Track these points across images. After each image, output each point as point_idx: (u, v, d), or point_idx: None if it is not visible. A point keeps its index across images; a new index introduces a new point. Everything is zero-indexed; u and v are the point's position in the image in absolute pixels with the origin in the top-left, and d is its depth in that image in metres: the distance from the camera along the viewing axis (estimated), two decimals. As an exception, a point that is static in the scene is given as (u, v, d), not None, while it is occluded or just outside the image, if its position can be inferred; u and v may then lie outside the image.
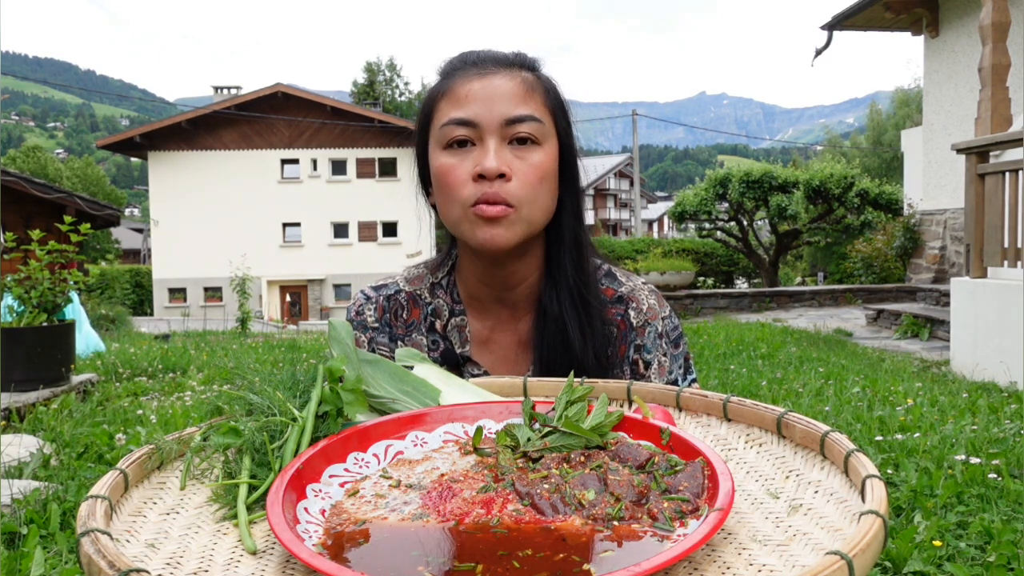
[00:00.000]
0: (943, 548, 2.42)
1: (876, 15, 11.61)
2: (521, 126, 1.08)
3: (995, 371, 5.69)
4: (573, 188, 1.17)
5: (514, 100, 1.09)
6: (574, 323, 1.15)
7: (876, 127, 39.79)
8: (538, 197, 1.10)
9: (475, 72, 1.11)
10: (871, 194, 15.18)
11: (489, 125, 1.07)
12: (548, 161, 1.11)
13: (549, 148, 1.11)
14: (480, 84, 1.09)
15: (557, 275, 1.17)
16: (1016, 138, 5.79)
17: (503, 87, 1.09)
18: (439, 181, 1.11)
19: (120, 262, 42.79)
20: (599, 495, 0.67)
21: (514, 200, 1.07)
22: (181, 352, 8.54)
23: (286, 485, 0.68)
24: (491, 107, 1.08)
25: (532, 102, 1.10)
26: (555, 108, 1.14)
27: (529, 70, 1.14)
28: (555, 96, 1.14)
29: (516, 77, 1.11)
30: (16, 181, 14.99)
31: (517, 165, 1.08)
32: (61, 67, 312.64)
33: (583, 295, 1.16)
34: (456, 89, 1.10)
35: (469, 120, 1.08)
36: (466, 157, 1.08)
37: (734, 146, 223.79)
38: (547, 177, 1.11)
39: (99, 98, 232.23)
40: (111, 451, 3.68)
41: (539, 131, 1.09)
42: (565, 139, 1.15)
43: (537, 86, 1.12)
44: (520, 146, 1.09)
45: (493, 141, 1.07)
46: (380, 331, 1.24)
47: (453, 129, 1.08)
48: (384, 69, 49.21)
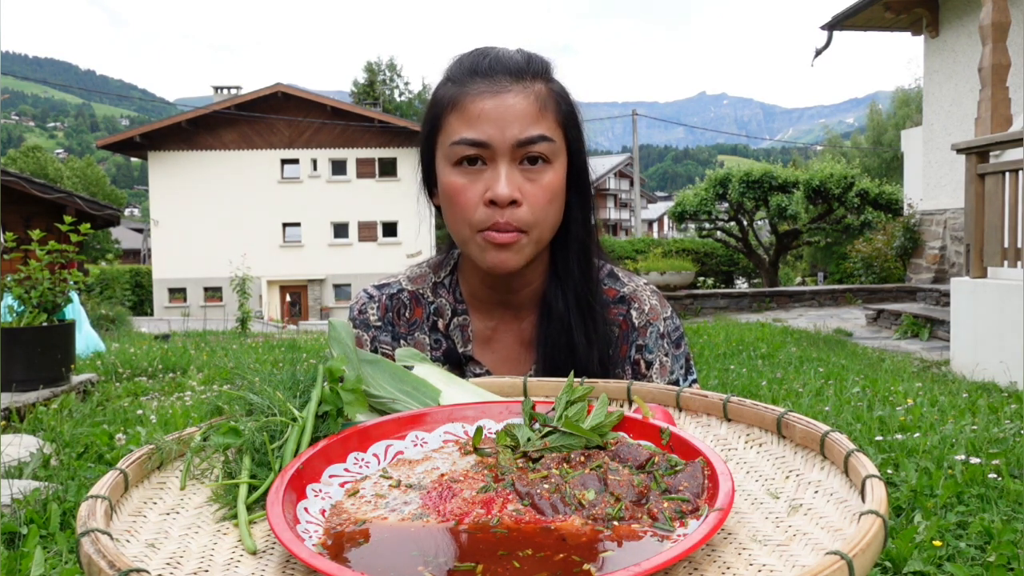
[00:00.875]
0: (943, 548, 2.42)
1: (876, 15, 11.61)
2: (533, 147, 1.07)
3: (995, 371, 5.69)
4: (583, 196, 1.17)
5: (527, 120, 1.07)
6: (579, 327, 1.15)
7: (876, 127, 39.76)
8: (548, 217, 1.10)
9: (487, 88, 1.08)
10: (871, 194, 15.19)
11: (501, 147, 1.06)
12: (558, 180, 1.10)
13: (559, 166, 1.11)
14: (492, 103, 1.07)
15: (563, 277, 1.17)
16: (1016, 138, 5.79)
17: (516, 108, 1.07)
18: (448, 199, 1.10)
19: (120, 262, 42.75)
20: (599, 495, 0.67)
21: (525, 226, 1.07)
22: (181, 352, 8.54)
23: (286, 485, 0.68)
24: (503, 129, 1.06)
25: (544, 121, 1.09)
26: (567, 122, 1.12)
27: (542, 79, 1.12)
28: (567, 108, 1.13)
29: (529, 93, 1.09)
30: (16, 181, 15.00)
31: (528, 189, 1.07)
32: (61, 67, 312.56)
33: (588, 300, 1.16)
34: (467, 106, 1.08)
35: (481, 142, 1.06)
36: (477, 179, 1.08)
37: (734, 146, 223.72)
38: (556, 196, 1.11)
39: (99, 98, 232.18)
40: (111, 451, 3.68)
41: (550, 150, 1.09)
42: (576, 150, 1.14)
43: (549, 102, 1.10)
44: (531, 166, 1.08)
45: (504, 164, 1.07)
46: (383, 330, 1.25)
47: (464, 149, 1.07)
48: (384, 69, 49.21)
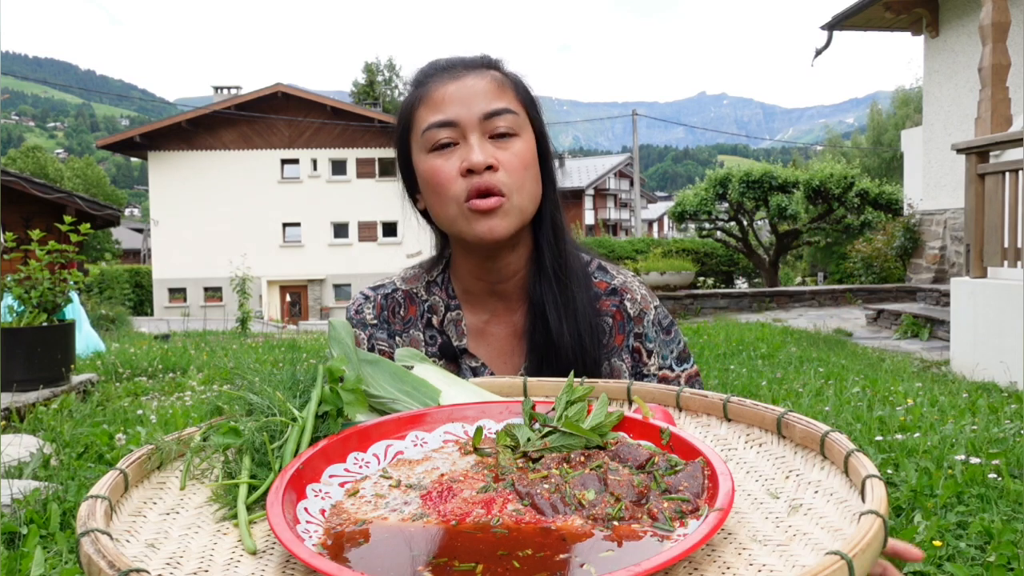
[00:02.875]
0: (943, 548, 2.42)
1: (876, 15, 11.61)
2: (499, 119, 1.13)
3: (995, 371, 5.69)
4: (550, 176, 1.22)
5: (489, 96, 1.14)
6: (551, 304, 1.19)
7: (876, 127, 39.76)
8: (525, 183, 1.14)
9: (448, 76, 1.15)
10: (871, 194, 15.20)
11: (469, 122, 1.12)
12: (528, 150, 1.16)
13: (527, 138, 1.16)
14: (455, 86, 1.14)
15: (540, 260, 1.21)
16: (1016, 138, 5.79)
17: (477, 86, 1.14)
18: (429, 183, 1.15)
19: (120, 262, 42.73)
20: (599, 495, 0.67)
21: (504, 188, 1.12)
22: (181, 352, 8.54)
23: (286, 485, 0.68)
24: (469, 105, 1.12)
25: (506, 96, 1.15)
26: (527, 101, 1.19)
27: (497, 68, 1.19)
28: (524, 90, 1.20)
29: (487, 76, 1.16)
30: (16, 181, 15.00)
31: (502, 155, 1.12)
32: (61, 67, 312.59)
33: (559, 276, 1.20)
34: (432, 94, 1.15)
35: (450, 121, 1.12)
36: (452, 156, 1.13)
37: (734, 146, 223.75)
38: (530, 164, 1.16)
39: (99, 98, 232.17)
40: (111, 451, 3.68)
41: (516, 123, 1.15)
42: (539, 129, 1.20)
43: (507, 82, 1.18)
44: (500, 139, 1.13)
45: (475, 137, 1.12)
46: (379, 327, 1.28)
47: (436, 132, 1.13)
48: (384, 69, 49.23)
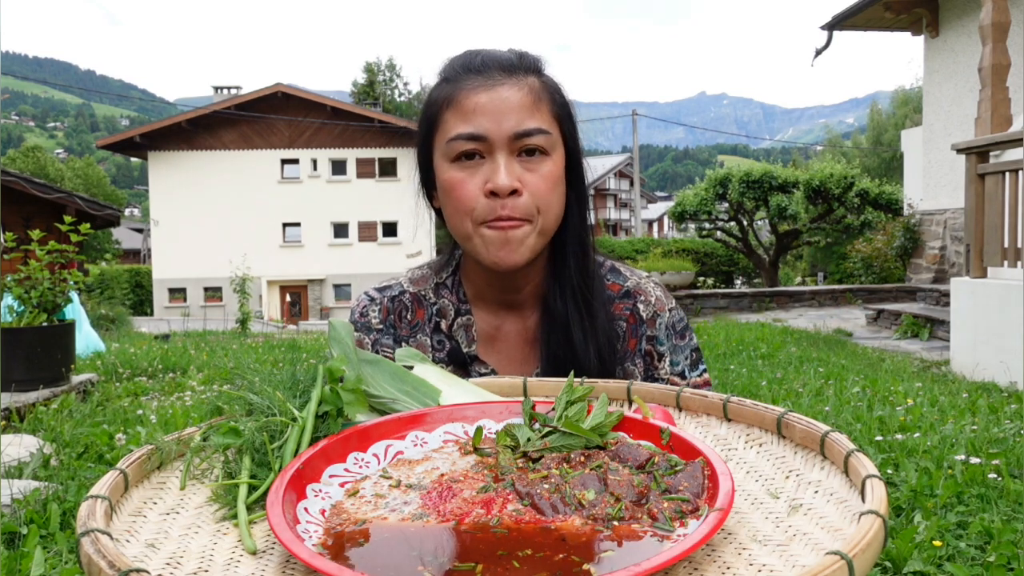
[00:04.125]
0: (943, 548, 2.42)
1: (876, 15, 11.61)
2: (530, 139, 1.07)
3: (995, 371, 5.69)
4: (579, 191, 1.17)
5: (522, 113, 1.07)
6: (577, 324, 1.15)
7: (876, 127, 39.77)
8: (551, 206, 1.10)
9: (480, 82, 1.09)
10: (871, 194, 15.19)
11: (498, 139, 1.06)
12: (556, 170, 1.10)
13: (557, 157, 1.11)
14: (487, 97, 1.07)
15: (562, 275, 1.17)
16: (1016, 138, 5.79)
17: (511, 100, 1.07)
18: (449, 194, 1.10)
19: (120, 262, 42.67)
20: (599, 495, 0.67)
21: (528, 215, 1.08)
22: (181, 352, 8.54)
23: (286, 485, 0.68)
24: (499, 121, 1.06)
25: (539, 113, 1.09)
26: (562, 115, 1.13)
27: (534, 73, 1.12)
28: (561, 101, 1.13)
29: (523, 86, 1.09)
30: (16, 181, 14.99)
31: (528, 178, 1.07)
32: (61, 67, 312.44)
33: (586, 296, 1.16)
34: (462, 101, 1.08)
35: (478, 135, 1.07)
36: (476, 172, 1.08)
37: (734, 146, 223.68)
38: (556, 185, 1.11)
39: (99, 98, 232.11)
40: (111, 451, 3.68)
41: (547, 142, 1.09)
42: (571, 144, 1.14)
43: (543, 94, 1.11)
44: (529, 157, 1.08)
45: (503, 156, 1.07)
46: (384, 333, 1.23)
47: (462, 144, 1.07)
48: (384, 69, 49.22)
